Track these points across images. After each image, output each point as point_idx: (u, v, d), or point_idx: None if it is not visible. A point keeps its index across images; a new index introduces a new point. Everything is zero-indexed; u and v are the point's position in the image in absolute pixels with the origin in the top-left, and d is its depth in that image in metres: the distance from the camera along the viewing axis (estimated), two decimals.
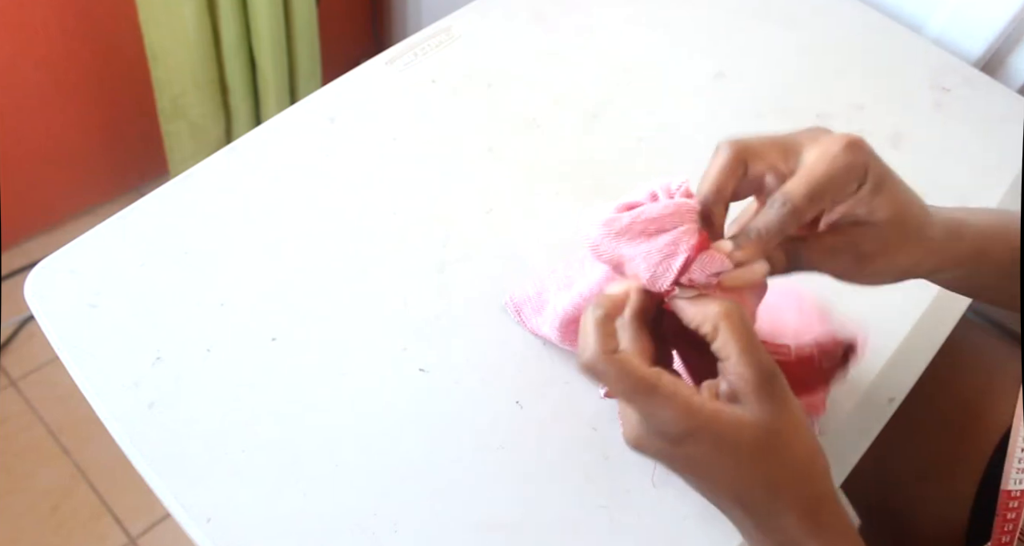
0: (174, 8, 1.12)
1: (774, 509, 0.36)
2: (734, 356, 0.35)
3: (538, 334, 0.56)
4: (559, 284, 0.54)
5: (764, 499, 0.36)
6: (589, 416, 0.53)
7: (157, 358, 0.53)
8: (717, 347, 0.36)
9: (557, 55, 0.76)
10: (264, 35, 1.22)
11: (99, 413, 0.51)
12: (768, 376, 0.35)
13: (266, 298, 0.57)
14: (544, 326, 0.55)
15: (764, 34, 0.81)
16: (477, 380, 0.54)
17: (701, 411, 0.35)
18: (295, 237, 0.60)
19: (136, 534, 1.20)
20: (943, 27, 0.84)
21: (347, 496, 0.49)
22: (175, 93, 1.24)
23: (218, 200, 0.61)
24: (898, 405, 0.57)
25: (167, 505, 0.49)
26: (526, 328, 0.56)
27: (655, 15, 0.81)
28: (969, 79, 0.80)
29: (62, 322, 0.54)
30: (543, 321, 0.55)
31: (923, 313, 0.61)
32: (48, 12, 1.15)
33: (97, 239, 0.58)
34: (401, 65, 0.73)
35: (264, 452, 0.50)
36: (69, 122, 1.31)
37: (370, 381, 0.54)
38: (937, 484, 0.64)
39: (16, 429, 1.27)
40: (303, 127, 0.67)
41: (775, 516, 0.36)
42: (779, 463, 0.36)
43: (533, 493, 0.50)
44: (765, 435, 0.35)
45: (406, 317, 0.57)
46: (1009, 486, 0.55)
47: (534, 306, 0.56)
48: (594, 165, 0.68)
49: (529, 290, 0.56)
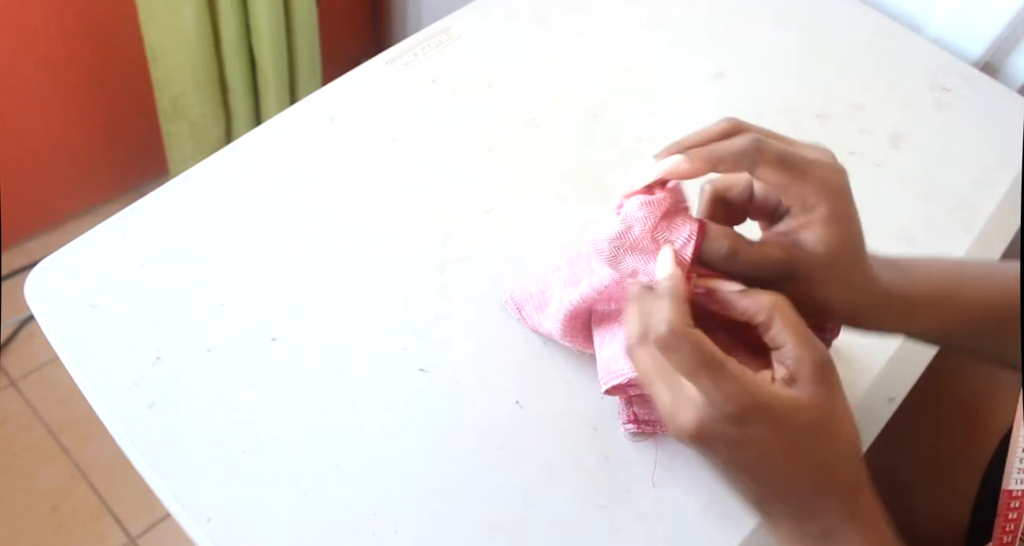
0: (174, 8, 1.12)
1: (820, 491, 0.38)
2: (791, 341, 0.37)
3: (538, 331, 0.56)
4: (565, 281, 0.53)
5: (812, 481, 0.38)
6: (589, 416, 0.53)
7: (157, 358, 0.53)
8: (772, 335, 0.38)
9: (557, 55, 0.76)
10: (264, 35, 1.22)
11: (99, 413, 0.51)
12: (823, 361, 0.37)
13: (266, 298, 0.57)
14: (546, 322, 0.54)
15: (764, 34, 0.81)
16: (477, 380, 0.54)
17: (763, 389, 0.36)
18: (295, 237, 0.60)
19: (136, 534, 1.20)
20: (943, 27, 0.84)
21: (347, 496, 0.49)
22: (175, 93, 1.24)
23: (218, 200, 0.61)
24: (898, 405, 0.57)
25: (167, 505, 0.49)
26: (526, 325, 0.56)
27: (655, 15, 0.81)
28: (969, 79, 0.80)
29: (62, 322, 0.54)
30: (545, 317, 0.54)
31: None
32: (48, 12, 1.15)
33: (97, 239, 0.58)
34: (401, 65, 0.73)
35: (264, 452, 0.50)
36: (69, 122, 1.31)
37: (370, 381, 0.54)
38: (938, 484, 0.64)
39: (16, 429, 1.27)
40: (303, 127, 0.67)
41: (820, 499, 0.38)
42: (831, 444, 0.37)
43: (533, 493, 0.50)
44: (819, 416, 0.37)
45: (406, 317, 0.57)
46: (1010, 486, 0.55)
47: (536, 303, 0.56)
48: (594, 165, 0.68)
49: (531, 288, 0.56)
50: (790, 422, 0.36)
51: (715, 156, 0.39)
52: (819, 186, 0.39)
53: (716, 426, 0.37)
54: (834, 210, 0.40)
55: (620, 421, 0.52)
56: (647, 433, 0.52)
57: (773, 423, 0.36)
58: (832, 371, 0.38)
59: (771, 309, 0.38)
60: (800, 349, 0.37)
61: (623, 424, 0.52)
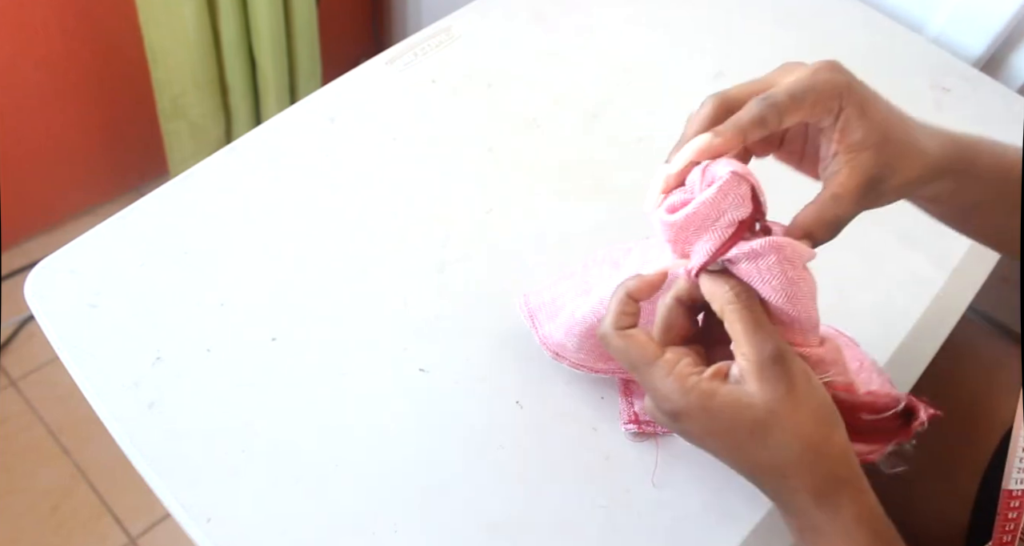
0: (174, 8, 1.12)
1: (786, 487, 0.37)
2: (739, 337, 0.36)
3: (547, 344, 0.53)
4: (576, 290, 0.52)
5: (773, 477, 0.37)
6: (589, 416, 0.53)
7: (157, 358, 0.53)
8: (726, 328, 0.37)
9: (557, 55, 0.76)
10: (264, 35, 1.22)
11: (99, 413, 0.51)
12: (773, 357, 0.36)
13: (266, 298, 0.57)
14: (558, 333, 0.51)
15: (764, 34, 0.81)
16: (477, 380, 0.54)
17: (694, 390, 0.36)
18: (295, 237, 0.60)
19: (136, 534, 1.20)
20: (943, 27, 0.84)
21: (347, 496, 0.49)
22: (175, 93, 1.24)
23: (218, 200, 0.61)
24: None
25: (167, 505, 0.49)
26: (537, 335, 0.53)
27: (655, 15, 0.81)
28: (969, 79, 0.80)
29: (62, 322, 0.54)
30: (557, 327, 0.52)
31: (924, 313, 0.61)
32: (48, 12, 1.15)
33: (97, 239, 0.58)
34: (401, 65, 0.73)
35: (264, 452, 0.50)
36: (69, 122, 1.31)
37: (370, 381, 0.54)
38: (938, 484, 0.64)
39: (16, 429, 1.27)
40: (303, 127, 0.67)
41: (789, 493, 0.37)
42: (782, 444, 0.36)
43: (533, 493, 0.50)
44: (765, 416, 0.35)
45: (406, 317, 0.57)
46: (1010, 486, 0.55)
47: (548, 312, 0.53)
48: (594, 165, 0.68)
49: (545, 295, 0.54)
50: (727, 420, 0.36)
51: (740, 124, 0.37)
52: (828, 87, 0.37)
53: (656, 416, 0.38)
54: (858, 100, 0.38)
55: (621, 421, 0.52)
56: (648, 433, 0.52)
57: (707, 422, 0.36)
58: (786, 367, 0.36)
59: (723, 302, 0.37)
60: (744, 345, 0.36)
61: (624, 424, 0.52)
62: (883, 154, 0.38)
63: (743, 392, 0.36)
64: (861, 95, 0.38)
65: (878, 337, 0.60)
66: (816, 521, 0.37)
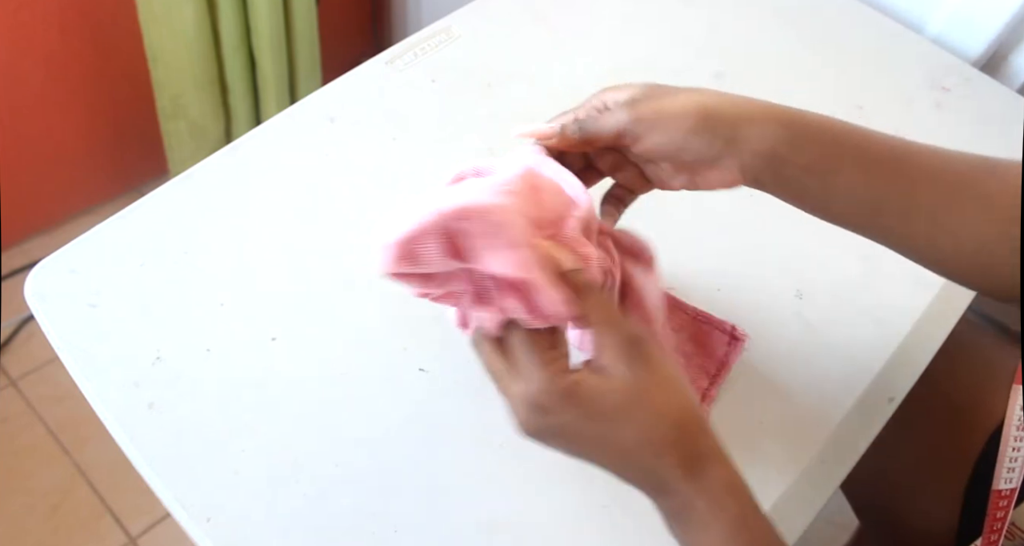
0: (174, 8, 1.12)
1: (661, 465, 0.38)
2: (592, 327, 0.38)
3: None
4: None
5: (648, 457, 0.38)
6: None
7: (157, 358, 0.53)
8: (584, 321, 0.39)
9: (557, 55, 0.76)
10: (264, 35, 1.22)
11: (99, 413, 0.51)
12: (627, 341, 0.38)
13: (266, 298, 0.57)
14: None
15: (764, 34, 0.81)
16: (477, 380, 0.54)
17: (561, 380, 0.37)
18: (295, 237, 0.60)
19: (136, 534, 1.20)
20: (943, 27, 0.84)
21: (347, 496, 0.49)
22: (175, 93, 1.24)
23: (218, 200, 0.61)
24: (898, 405, 0.57)
25: (167, 505, 0.49)
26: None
27: (655, 15, 0.81)
28: (969, 79, 0.80)
29: (62, 322, 0.54)
30: None
31: (923, 313, 0.61)
32: (48, 12, 1.15)
33: (97, 239, 0.58)
34: (401, 65, 0.73)
35: (264, 452, 0.50)
36: (69, 122, 1.31)
37: (370, 381, 0.54)
38: (929, 482, 0.64)
39: (16, 429, 1.27)
40: (303, 127, 0.67)
41: (665, 470, 0.38)
42: (651, 420, 0.37)
43: (533, 493, 0.50)
44: (631, 395, 0.37)
45: (406, 317, 0.57)
46: (999, 486, 0.55)
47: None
48: None
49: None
50: (597, 405, 0.37)
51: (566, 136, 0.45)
52: (622, 122, 0.42)
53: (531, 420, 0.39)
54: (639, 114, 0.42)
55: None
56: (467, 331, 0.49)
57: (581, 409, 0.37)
58: (641, 349, 0.38)
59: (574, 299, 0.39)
60: (597, 335, 0.38)
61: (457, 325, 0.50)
62: (635, 109, 0.42)
63: (603, 378, 0.37)
64: (642, 111, 0.42)
65: (878, 337, 0.60)
66: (688, 496, 0.38)
